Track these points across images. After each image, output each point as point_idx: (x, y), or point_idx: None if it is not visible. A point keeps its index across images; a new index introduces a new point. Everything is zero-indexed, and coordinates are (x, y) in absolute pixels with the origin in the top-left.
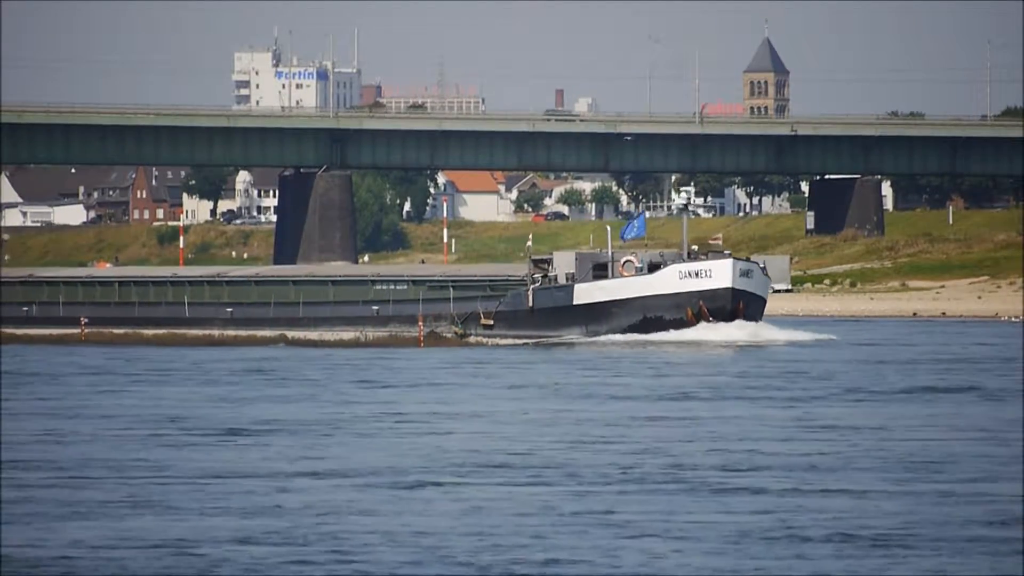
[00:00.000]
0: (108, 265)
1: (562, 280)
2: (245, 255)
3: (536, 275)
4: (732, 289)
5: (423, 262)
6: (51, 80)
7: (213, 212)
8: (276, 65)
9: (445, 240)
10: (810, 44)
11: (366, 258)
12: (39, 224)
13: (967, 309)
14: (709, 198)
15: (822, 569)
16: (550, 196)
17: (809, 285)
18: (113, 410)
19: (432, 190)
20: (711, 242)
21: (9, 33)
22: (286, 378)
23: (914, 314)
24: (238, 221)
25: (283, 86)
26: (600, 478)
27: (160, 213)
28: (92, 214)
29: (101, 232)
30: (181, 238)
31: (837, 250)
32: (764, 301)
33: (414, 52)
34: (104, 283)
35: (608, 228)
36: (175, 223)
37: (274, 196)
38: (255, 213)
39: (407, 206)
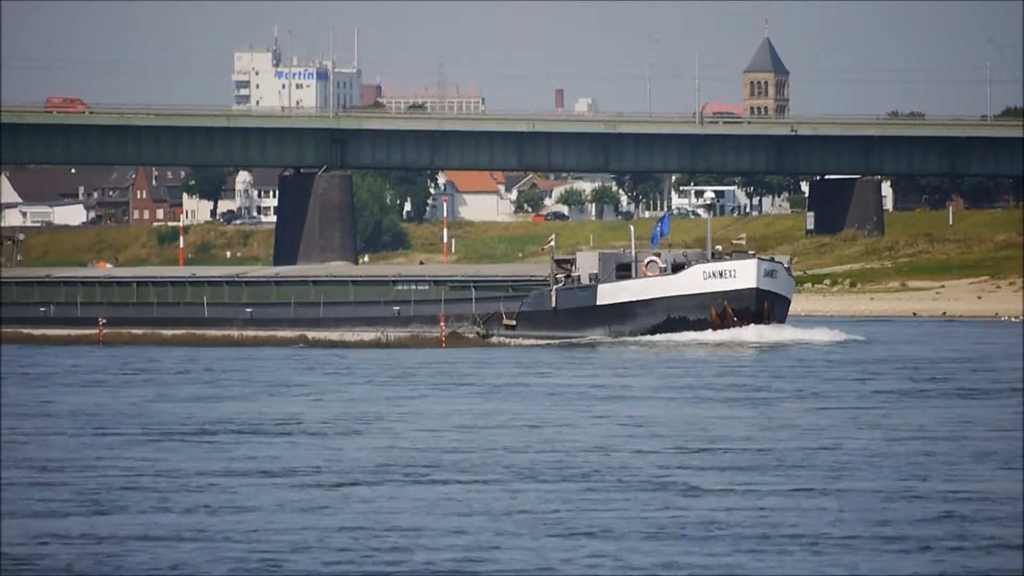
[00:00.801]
0: (108, 265)
1: (585, 280)
2: (240, 254)
3: (559, 275)
4: (757, 289)
5: (421, 263)
6: (51, 80)
7: (213, 212)
8: (276, 65)
9: (445, 240)
10: (810, 44)
11: (366, 258)
12: (39, 224)
13: (967, 309)
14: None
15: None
16: (550, 196)
17: (809, 285)
18: (54, 409)
19: (432, 190)
20: (735, 242)
21: (9, 33)
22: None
23: (914, 314)
24: (238, 221)
25: (283, 86)
26: (534, 476)
27: (160, 213)
28: (92, 214)
29: (101, 232)
30: (181, 238)
31: (837, 250)
32: (788, 301)
33: (414, 52)
34: (122, 283)
35: (632, 228)
36: (175, 223)
37: (274, 196)
38: (255, 213)
39: (407, 206)
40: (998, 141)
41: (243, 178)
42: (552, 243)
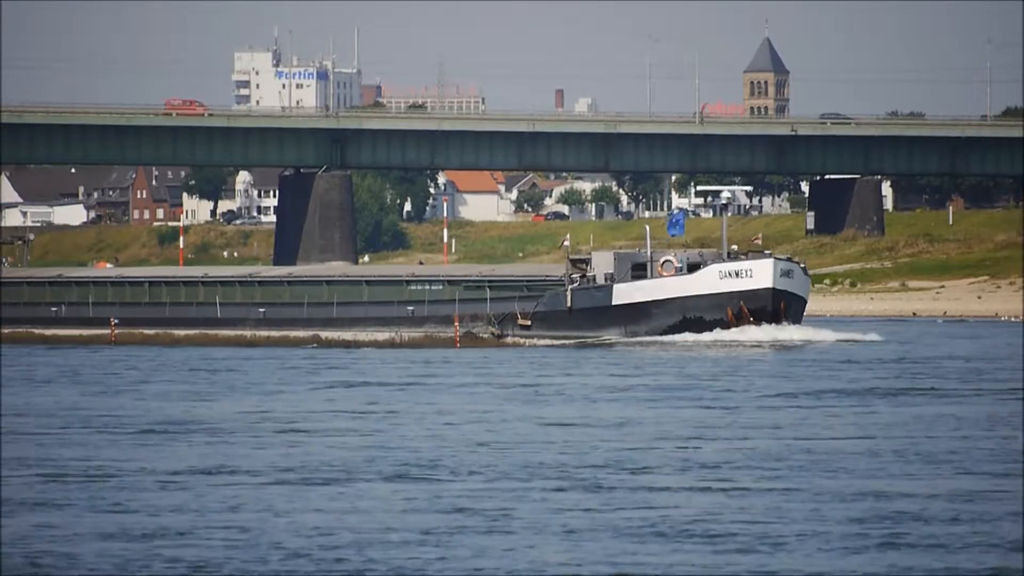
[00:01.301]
0: (108, 265)
1: (601, 280)
2: (236, 254)
3: (574, 275)
4: (773, 289)
5: (421, 263)
6: (51, 80)
7: (213, 212)
8: (276, 65)
9: (445, 240)
10: (810, 44)
11: (366, 258)
12: (39, 224)
13: (967, 309)
14: (709, 198)
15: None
16: (550, 196)
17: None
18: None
19: (432, 190)
20: (753, 242)
21: (9, 33)
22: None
23: (913, 314)
24: (238, 221)
25: (283, 86)
26: (497, 475)
27: (160, 213)
28: (92, 214)
29: (101, 232)
30: (181, 238)
31: (837, 250)
32: (805, 301)
33: (414, 52)
34: (134, 283)
35: (648, 228)
36: (175, 223)
37: (274, 196)
38: (255, 213)
39: (407, 206)
40: (998, 141)
41: (243, 178)
42: (567, 242)
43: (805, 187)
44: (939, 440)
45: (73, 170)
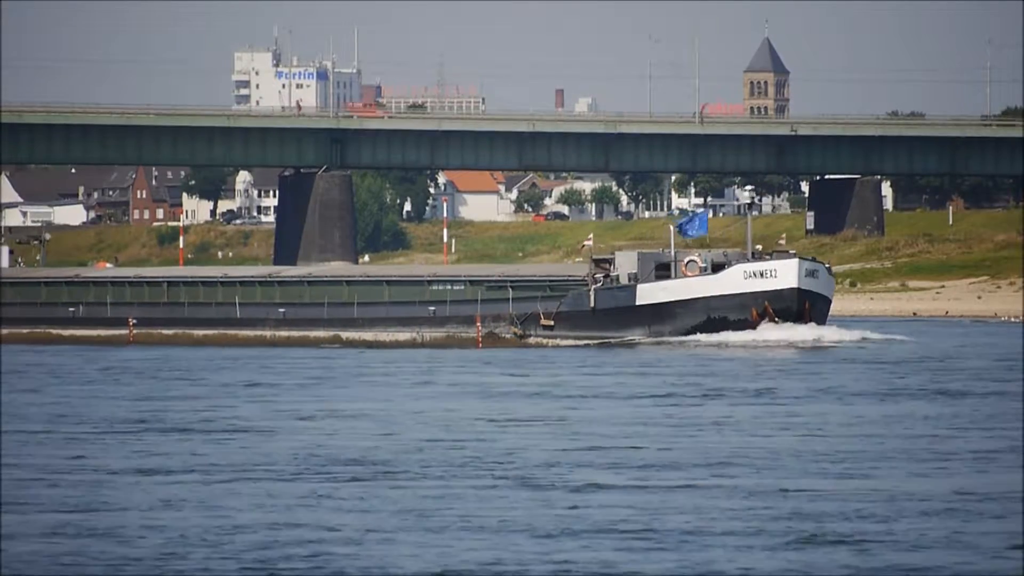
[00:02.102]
0: (108, 265)
1: (624, 280)
2: (231, 255)
3: (597, 275)
4: (798, 289)
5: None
6: (51, 80)
7: (213, 212)
8: (276, 65)
9: (445, 240)
10: (810, 44)
11: (366, 258)
12: (39, 224)
13: (967, 309)
14: (709, 198)
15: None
16: (550, 196)
17: None
18: None
19: (432, 190)
20: (778, 242)
21: (9, 33)
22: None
23: (914, 314)
24: (238, 221)
25: (283, 86)
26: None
27: (160, 213)
28: (92, 214)
29: (101, 232)
30: (181, 238)
31: (837, 250)
32: (829, 301)
33: (414, 52)
34: (152, 283)
35: (671, 227)
36: (175, 223)
37: (274, 196)
38: (255, 213)
39: (407, 206)
40: (998, 141)
41: (243, 178)
42: (590, 242)
43: (805, 187)
44: None
45: (73, 170)
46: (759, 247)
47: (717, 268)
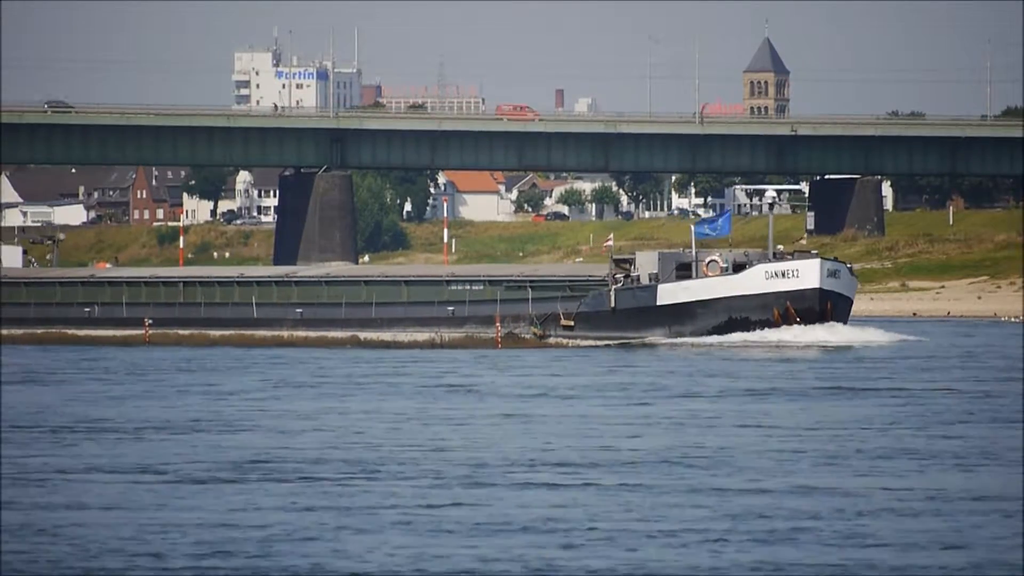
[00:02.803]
0: (108, 265)
1: (645, 280)
2: (227, 255)
3: (618, 275)
4: (820, 290)
5: (425, 263)
6: (51, 80)
7: (213, 212)
8: (276, 65)
9: (445, 240)
10: (810, 44)
11: (366, 258)
12: (39, 224)
13: (967, 309)
14: (709, 198)
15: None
16: (550, 196)
17: None
18: None
19: (432, 190)
20: (799, 242)
21: (9, 33)
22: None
23: (914, 314)
24: (238, 221)
25: (283, 86)
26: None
27: (160, 213)
28: (92, 214)
29: (101, 232)
30: (181, 238)
31: (837, 250)
32: (851, 302)
33: (414, 52)
34: (168, 283)
35: (692, 227)
36: (175, 223)
37: (274, 196)
38: (255, 213)
39: (407, 206)
40: (998, 141)
41: (243, 178)
42: (611, 242)
43: (805, 187)
44: None
45: (73, 170)
46: (780, 247)
47: (738, 268)
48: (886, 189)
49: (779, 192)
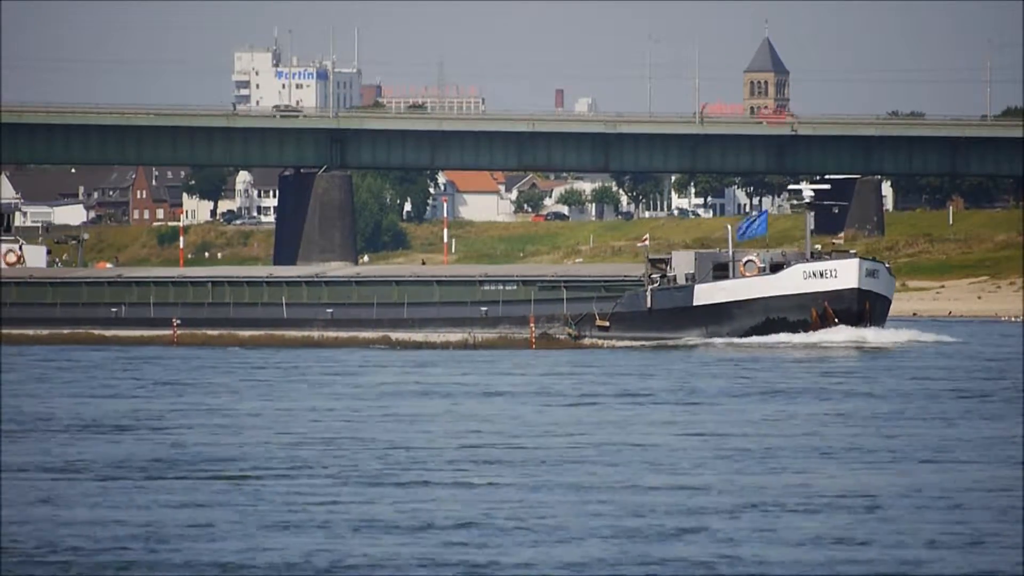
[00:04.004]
0: (108, 265)
1: (681, 280)
2: (221, 255)
3: (654, 275)
4: (858, 290)
5: (423, 263)
6: (51, 80)
7: (213, 212)
8: (276, 65)
9: (445, 240)
10: (810, 44)
11: (366, 258)
12: (39, 224)
13: (967, 309)
14: (709, 198)
15: None
16: (550, 196)
17: None
18: None
19: (432, 190)
20: (835, 242)
21: (9, 33)
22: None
23: (913, 314)
24: (238, 221)
25: (283, 86)
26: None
27: (160, 213)
28: (92, 214)
29: (101, 232)
30: (181, 238)
31: (837, 250)
32: (889, 302)
33: (414, 52)
34: (197, 283)
35: (728, 227)
36: (175, 223)
37: (274, 196)
38: (255, 213)
39: (407, 206)
40: (998, 141)
41: (243, 178)
42: (646, 242)
43: (806, 189)
44: None
45: (73, 170)
46: (818, 247)
47: (776, 268)
48: (886, 189)
49: (816, 192)
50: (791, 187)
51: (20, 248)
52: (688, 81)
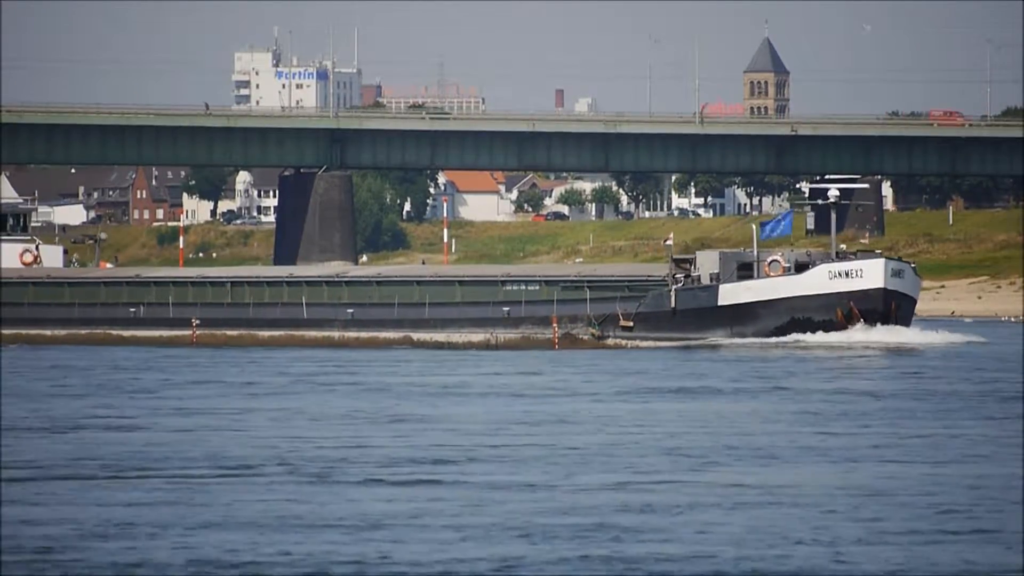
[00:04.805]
0: (108, 265)
1: (705, 280)
2: (214, 255)
3: (678, 275)
4: (884, 289)
5: (424, 263)
6: (51, 80)
7: (213, 212)
8: (276, 65)
9: (445, 240)
10: (810, 44)
11: (365, 258)
12: (39, 224)
13: (967, 309)
14: (709, 198)
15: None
16: (550, 196)
17: None
18: None
19: (432, 190)
20: (861, 241)
21: (9, 33)
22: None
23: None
24: (238, 221)
25: (283, 86)
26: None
27: (160, 213)
28: (92, 214)
29: (101, 232)
30: (181, 238)
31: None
32: (915, 302)
33: (414, 52)
34: (216, 283)
35: (754, 227)
36: (175, 223)
37: (274, 196)
38: (255, 213)
39: (407, 206)
40: (998, 141)
41: (243, 178)
42: (671, 241)
43: (805, 187)
44: None
45: (73, 170)
46: (843, 246)
47: (801, 268)
48: (886, 189)
49: (842, 191)
50: (811, 186)
51: (37, 248)
52: (688, 81)
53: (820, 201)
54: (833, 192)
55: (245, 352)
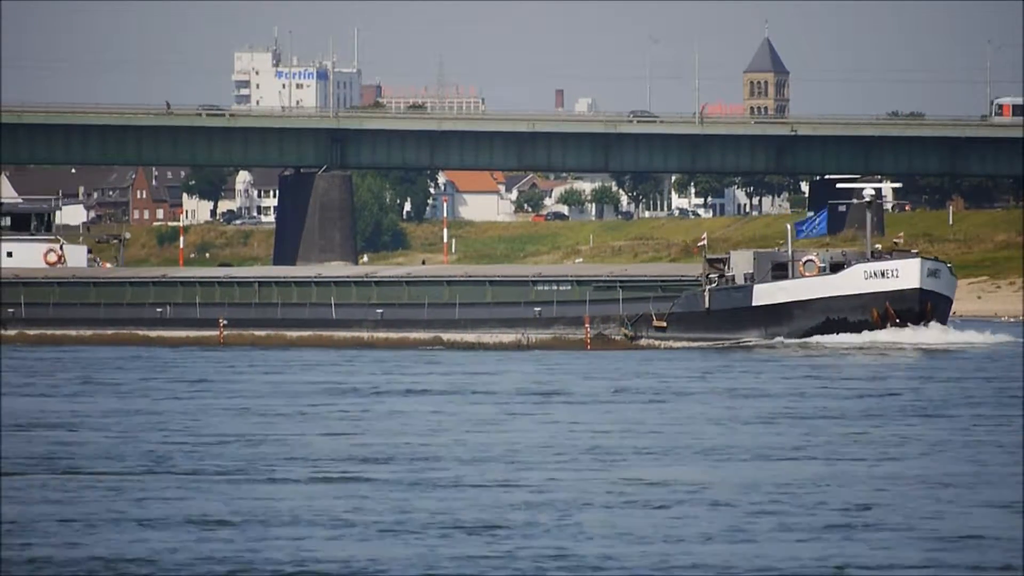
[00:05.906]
0: (108, 265)
1: (740, 280)
2: (207, 256)
3: (712, 275)
4: (920, 290)
5: (424, 263)
6: (51, 80)
7: (213, 212)
8: (276, 65)
9: (445, 240)
10: (810, 44)
11: (365, 258)
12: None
13: (967, 309)
14: (709, 198)
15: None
16: (550, 196)
17: None
18: None
19: (432, 190)
20: (895, 240)
21: (9, 33)
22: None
23: None
24: (238, 221)
25: (283, 86)
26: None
27: (160, 213)
28: (92, 214)
29: (101, 232)
30: (181, 238)
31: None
32: (951, 302)
33: (414, 52)
34: (243, 283)
35: (789, 226)
36: (175, 223)
37: (274, 196)
38: (255, 213)
39: (407, 206)
40: (998, 141)
41: (243, 178)
42: (704, 242)
43: (805, 187)
44: None
45: (73, 170)
46: (878, 246)
47: (836, 268)
48: (886, 189)
49: (876, 191)
50: (851, 186)
51: (61, 248)
52: (688, 81)
53: (855, 200)
54: (868, 191)
55: (305, 352)
